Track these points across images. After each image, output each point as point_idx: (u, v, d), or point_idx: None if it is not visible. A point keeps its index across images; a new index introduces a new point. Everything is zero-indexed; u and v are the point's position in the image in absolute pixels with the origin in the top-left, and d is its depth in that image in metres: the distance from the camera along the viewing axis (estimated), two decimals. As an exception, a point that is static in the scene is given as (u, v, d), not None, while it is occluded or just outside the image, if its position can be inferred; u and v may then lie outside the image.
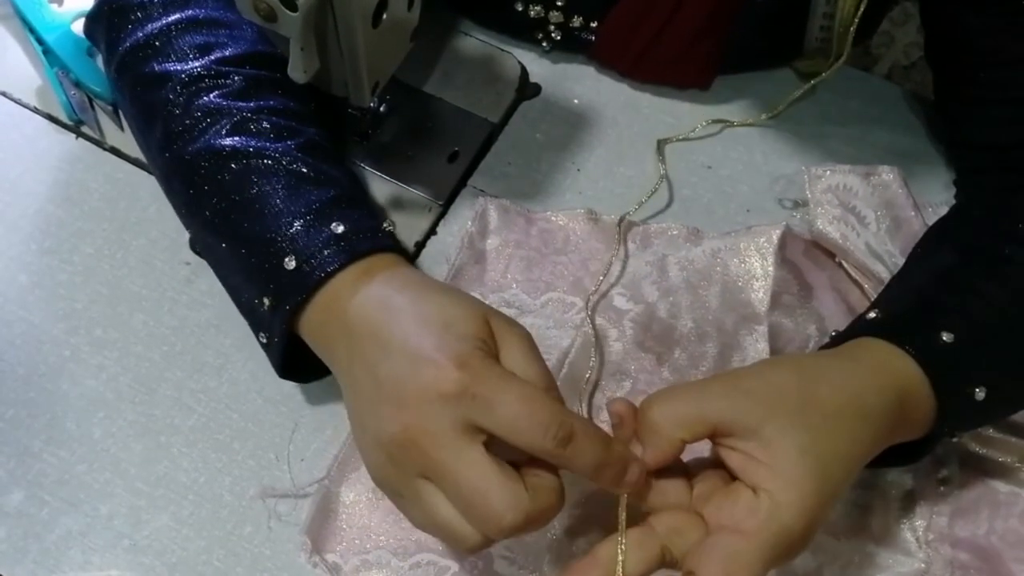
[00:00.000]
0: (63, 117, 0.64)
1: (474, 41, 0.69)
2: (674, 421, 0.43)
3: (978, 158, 0.61)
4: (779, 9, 0.64)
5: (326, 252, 0.47)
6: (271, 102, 0.54)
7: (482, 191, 0.63)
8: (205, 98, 0.52)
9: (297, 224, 0.48)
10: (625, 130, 0.67)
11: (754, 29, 0.65)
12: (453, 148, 0.65)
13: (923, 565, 0.53)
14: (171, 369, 0.57)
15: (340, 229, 0.48)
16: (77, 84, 0.64)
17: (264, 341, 0.51)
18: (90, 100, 0.65)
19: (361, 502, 0.53)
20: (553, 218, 0.62)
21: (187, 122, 0.52)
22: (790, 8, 0.64)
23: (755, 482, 0.43)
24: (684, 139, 0.66)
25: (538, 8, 0.65)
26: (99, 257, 0.60)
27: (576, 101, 0.68)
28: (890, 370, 0.48)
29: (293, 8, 0.49)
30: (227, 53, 0.54)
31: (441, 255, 0.61)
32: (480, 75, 0.68)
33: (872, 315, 0.52)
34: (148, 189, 0.62)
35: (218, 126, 0.51)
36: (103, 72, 0.65)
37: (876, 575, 0.53)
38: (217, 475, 0.54)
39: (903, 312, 0.52)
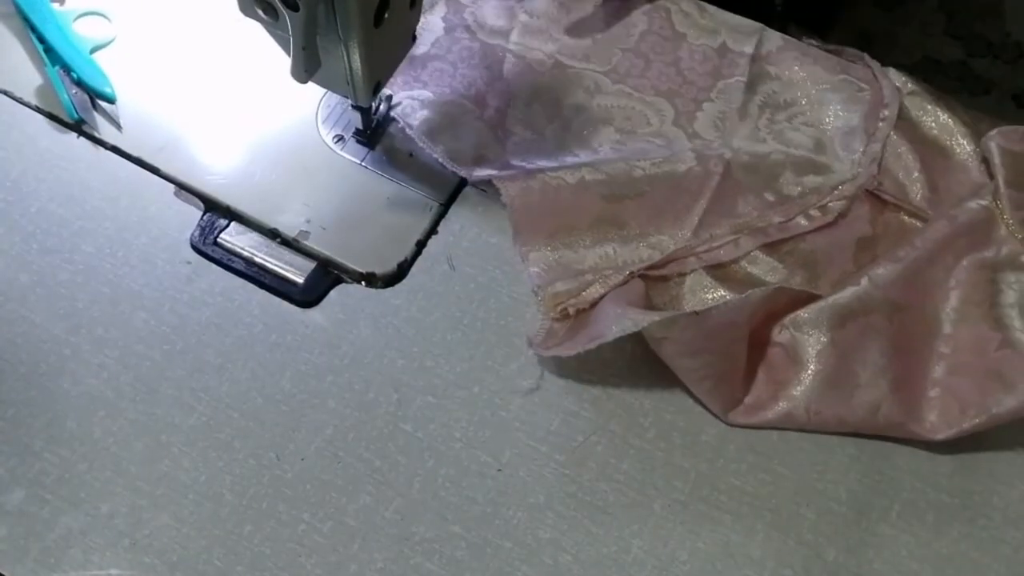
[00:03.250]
0: (64, 116, 0.64)
1: (475, 40, 0.69)
2: None
3: None
4: None
5: None
6: None
7: (483, 190, 0.63)
8: None
9: None
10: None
11: None
12: (454, 147, 0.65)
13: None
14: (172, 368, 0.57)
15: None
16: (78, 83, 0.64)
17: None
18: (91, 99, 0.64)
19: None
20: None
21: None
22: None
23: None
24: None
25: None
26: (100, 256, 0.60)
27: (577, 101, 0.68)
28: None
29: (295, 8, 0.49)
30: None
31: (442, 254, 0.61)
32: (481, 74, 0.68)
33: None
34: (149, 188, 0.62)
35: None
36: (104, 71, 0.65)
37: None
38: (218, 474, 0.54)
39: None
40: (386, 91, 0.63)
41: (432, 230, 0.62)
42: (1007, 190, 0.60)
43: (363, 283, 0.60)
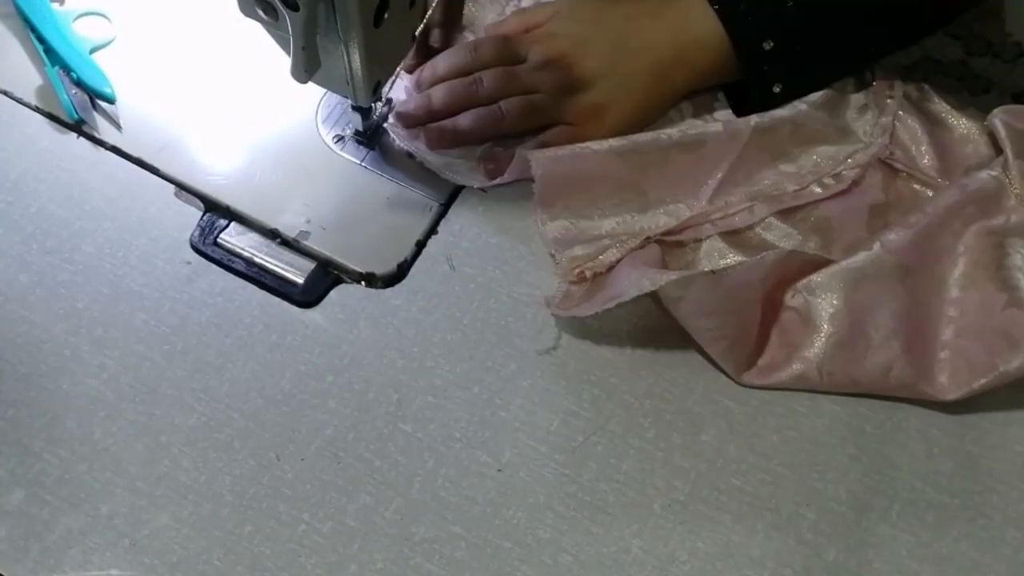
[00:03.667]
0: (64, 116, 0.64)
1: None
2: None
3: None
4: None
5: None
6: None
7: (483, 190, 0.63)
8: None
9: None
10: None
11: None
12: (454, 147, 0.65)
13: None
14: (172, 368, 0.57)
15: None
16: (78, 83, 0.64)
17: None
18: (91, 99, 0.64)
19: None
20: None
21: None
22: None
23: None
24: None
25: None
26: (100, 256, 0.60)
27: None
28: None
29: (295, 8, 0.49)
30: None
31: (442, 254, 0.61)
32: (481, 74, 0.67)
33: None
34: (149, 188, 0.63)
35: None
36: (104, 71, 0.65)
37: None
38: (217, 474, 0.54)
39: None
40: (387, 93, 0.63)
41: (432, 230, 0.62)
42: (1016, 161, 0.60)
43: (363, 283, 0.60)
